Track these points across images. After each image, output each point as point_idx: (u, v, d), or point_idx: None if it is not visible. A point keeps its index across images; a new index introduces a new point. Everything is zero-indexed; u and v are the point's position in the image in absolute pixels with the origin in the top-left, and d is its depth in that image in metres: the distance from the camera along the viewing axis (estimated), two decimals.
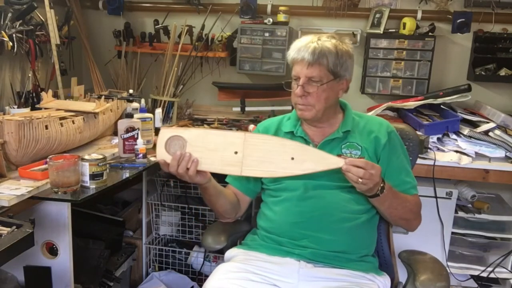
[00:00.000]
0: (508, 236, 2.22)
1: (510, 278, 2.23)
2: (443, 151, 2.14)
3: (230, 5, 2.62)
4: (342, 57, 1.41)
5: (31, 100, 2.16)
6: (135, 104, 2.17)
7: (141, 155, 1.83)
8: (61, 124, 1.73)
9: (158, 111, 2.26)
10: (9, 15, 1.99)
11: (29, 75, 2.22)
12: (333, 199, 1.42)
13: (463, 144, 2.15)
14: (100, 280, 2.01)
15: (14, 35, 2.00)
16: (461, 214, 2.21)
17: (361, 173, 1.27)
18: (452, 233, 2.19)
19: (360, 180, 1.28)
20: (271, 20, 2.50)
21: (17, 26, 2.03)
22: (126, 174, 1.73)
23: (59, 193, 1.47)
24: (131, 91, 2.31)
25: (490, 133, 2.16)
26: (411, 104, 2.33)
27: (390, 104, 2.38)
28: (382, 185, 1.33)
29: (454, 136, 2.21)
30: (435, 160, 2.06)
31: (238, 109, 2.64)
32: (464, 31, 2.41)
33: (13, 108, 2.01)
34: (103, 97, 2.12)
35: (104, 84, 2.66)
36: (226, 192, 1.53)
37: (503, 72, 2.43)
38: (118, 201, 2.71)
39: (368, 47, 2.49)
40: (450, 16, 2.44)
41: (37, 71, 2.25)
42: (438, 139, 2.19)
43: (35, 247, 1.33)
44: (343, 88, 1.47)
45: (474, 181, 2.19)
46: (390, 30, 2.48)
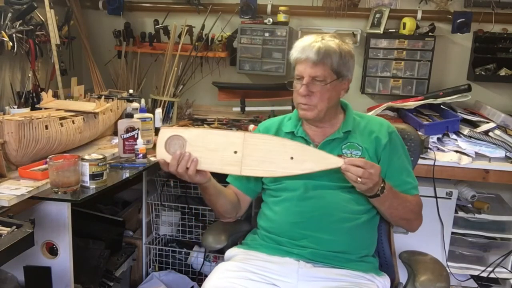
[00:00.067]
0: (508, 236, 2.22)
1: (510, 278, 2.23)
2: (443, 151, 2.14)
3: (230, 5, 2.61)
4: (345, 57, 1.41)
5: (31, 100, 2.16)
6: (135, 104, 2.17)
7: (141, 155, 1.83)
8: (61, 124, 1.73)
9: (158, 111, 2.26)
10: (9, 15, 1.99)
11: (29, 75, 2.22)
12: (333, 199, 1.42)
13: (463, 144, 2.15)
14: (100, 280, 2.01)
15: (14, 35, 2.00)
16: (461, 214, 2.21)
17: (360, 172, 1.27)
18: (452, 233, 2.19)
19: (359, 180, 1.28)
20: (271, 20, 2.50)
21: (17, 26, 2.03)
22: (126, 174, 1.73)
23: (59, 193, 1.47)
24: (131, 91, 2.30)
25: (490, 133, 2.16)
26: (411, 104, 2.33)
27: (390, 104, 2.38)
28: (382, 185, 1.33)
29: (454, 136, 2.21)
30: (435, 160, 2.06)
31: (238, 109, 2.64)
32: (464, 31, 2.41)
33: (13, 108, 2.01)
34: (103, 97, 2.12)
35: (104, 84, 2.66)
36: (227, 192, 1.53)
37: (503, 72, 2.43)
38: (118, 201, 2.71)
39: (368, 47, 2.49)
40: (450, 16, 2.44)
41: (37, 71, 2.24)
42: (438, 139, 2.19)
43: (35, 247, 1.33)
44: (345, 88, 1.47)
45: (474, 181, 2.19)
46: (390, 30, 2.48)
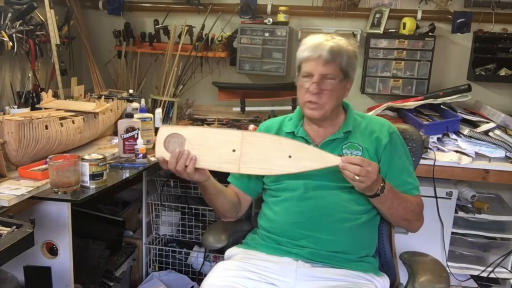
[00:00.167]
0: (508, 236, 2.22)
1: (510, 278, 2.23)
2: (443, 151, 2.13)
3: (230, 5, 2.61)
4: (352, 57, 1.43)
5: (31, 100, 2.16)
6: (135, 104, 2.17)
7: (141, 155, 1.83)
8: (61, 124, 1.73)
9: (158, 111, 2.26)
10: (9, 15, 1.99)
11: (29, 75, 2.22)
12: (333, 199, 1.42)
13: (463, 144, 2.15)
14: (100, 280, 2.01)
15: (14, 35, 2.00)
16: (461, 214, 2.21)
17: (357, 170, 1.26)
18: (452, 233, 2.19)
19: (356, 178, 1.27)
20: (271, 20, 2.50)
21: (17, 26, 2.03)
22: (126, 174, 1.73)
23: (59, 193, 1.46)
24: (131, 91, 2.30)
25: (490, 133, 2.16)
26: (411, 104, 2.33)
27: (390, 104, 2.38)
28: (382, 184, 1.33)
29: (454, 136, 2.21)
30: (435, 160, 2.06)
31: (238, 109, 2.65)
32: (464, 31, 2.41)
33: (13, 108, 2.01)
34: (103, 97, 2.12)
35: (104, 84, 2.66)
36: (227, 191, 1.53)
37: (503, 72, 2.43)
38: (118, 201, 2.71)
39: (368, 47, 2.49)
40: (450, 16, 2.44)
41: (37, 71, 2.24)
42: (438, 139, 2.19)
43: (35, 247, 1.33)
44: (349, 88, 1.48)
45: (474, 181, 2.19)
46: (390, 30, 2.48)
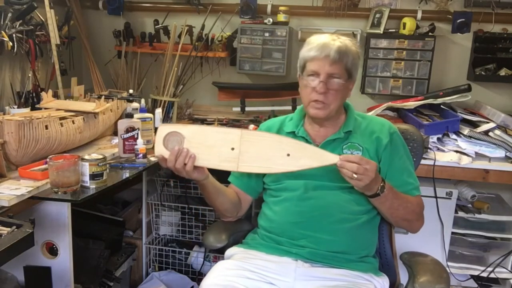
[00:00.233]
0: (508, 236, 2.22)
1: (510, 278, 2.23)
2: (443, 151, 2.13)
3: (230, 5, 2.61)
4: (356, 58, 1.43)
5: (31, 100, 2.15)
6: (135, 104, 2.17)
7: (141, 155, 1.83)
8: (61, 124, 1.73)
9: (158, 111, 2.26)
10: (9, 15, 1.99)
11: (29, 75, 2.22)
12: (333, 199, 1.42)
13: (463, 144, 2.15)
14: (100, 280, 2.01)
15: (14, 35, 2.00)
16: (461, 214, 2.21)
17: (355, 167, 1.26)
18: (452, 233, 2.19)
19: (355, 176, 1.27)
20: (271, 20, 2.50)
21: (17, 26, 2.03)
22: (126, 174, 1.73)
23: (59, 193, 1.46)
24: (131, 91, 2.30)
25: (490, 133, 2.16)
26: (411, 104, 2.33)
27: (390, 104, 2.38)
28: (382, 184, 1.33)
29: (454, 136, 2.21)
30: (435, 160, 2.06)
31: (238, 109, 2.65)
32: (464, 31, 2.41)
33: (13, 108, 2.01)
34: (103, 97, 2.12)
35: (104, 84, 2.65)
36: (227, 191, 1.54)
37: (503, 72, 2.43)
38: (118, 201, 2.71)
39: (368, 47, 2.49)
40: (450, 16, 2.44)
41: (37, 71, 2.24)
42: (438, 139, 2.19)
43: (35, 247, 1.33)
44: (351, 88, 1.48)
45: (474, 181, 2.19)
46: (390, 30, 2.48)
